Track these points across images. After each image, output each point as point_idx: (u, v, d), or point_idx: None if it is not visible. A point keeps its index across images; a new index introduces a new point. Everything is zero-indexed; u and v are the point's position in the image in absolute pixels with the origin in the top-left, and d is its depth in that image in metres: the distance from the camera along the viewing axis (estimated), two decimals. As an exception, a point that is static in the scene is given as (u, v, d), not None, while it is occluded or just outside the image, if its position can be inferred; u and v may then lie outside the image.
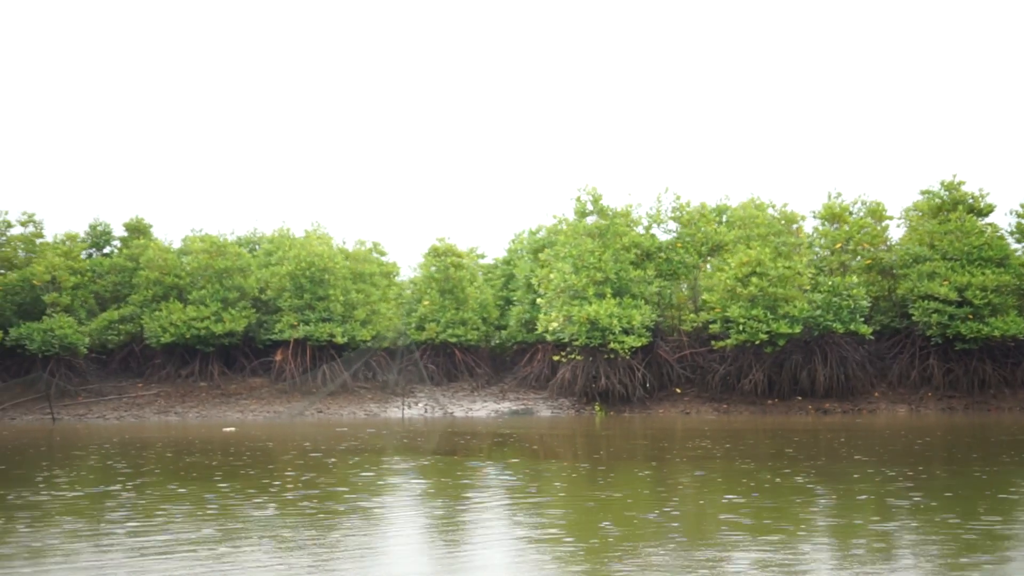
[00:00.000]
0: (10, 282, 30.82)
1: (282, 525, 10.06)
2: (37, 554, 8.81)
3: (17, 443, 20.74)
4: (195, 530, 9.81)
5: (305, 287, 31.02)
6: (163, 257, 31.95)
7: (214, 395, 30.34)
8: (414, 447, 18.78)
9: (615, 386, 27.58)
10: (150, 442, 20.36)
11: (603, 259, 27.44)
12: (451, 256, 33.60)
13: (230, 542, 9.16)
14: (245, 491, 12.60)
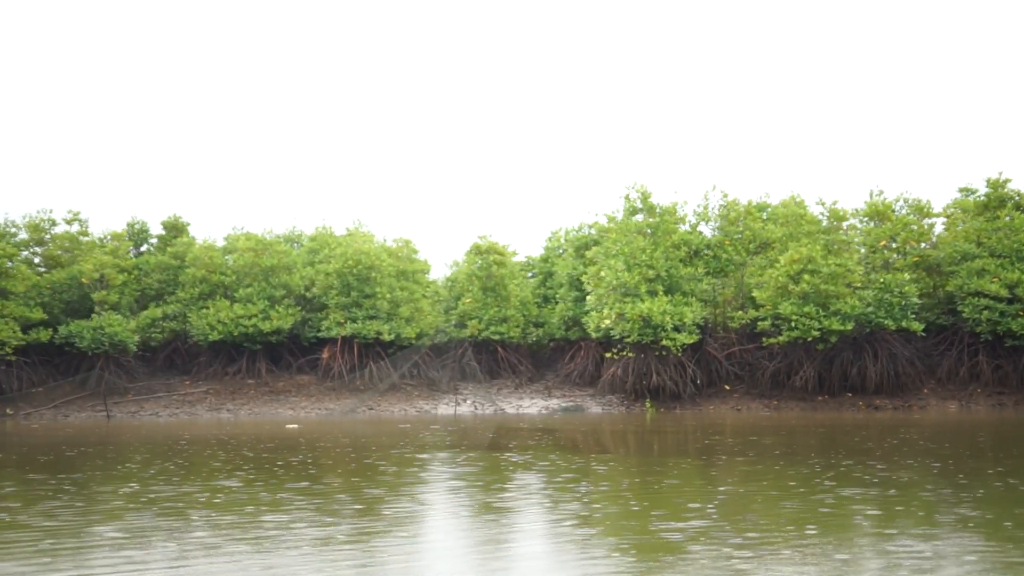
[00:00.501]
0: (58, 280, 30.96)
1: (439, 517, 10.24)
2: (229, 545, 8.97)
3: (87, 439, 20.89)
4: (353, 525, 9.98)
5: (352, 285, 31.17)
6: (208, 255, 32.09)
7: (262, 392, 30.49)
8: (487, 443, 18.94)
9: (666, 383, 27.75)
10: (221, 439, 20.51)
11: (654, 256, 27.61)
12: (494, 254, 33.74)
13: (381, 536, 9.33)
14: (365, 488, 12.76)
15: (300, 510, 10.95)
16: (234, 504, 11.44)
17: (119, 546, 9.06)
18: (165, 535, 9.54)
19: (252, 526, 9.99)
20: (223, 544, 9.10)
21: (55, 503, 11.64)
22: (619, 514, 10.48)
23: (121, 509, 11.16)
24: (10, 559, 8.53)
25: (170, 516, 10.65)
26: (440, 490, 12.62)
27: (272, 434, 21.95)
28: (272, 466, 15.28)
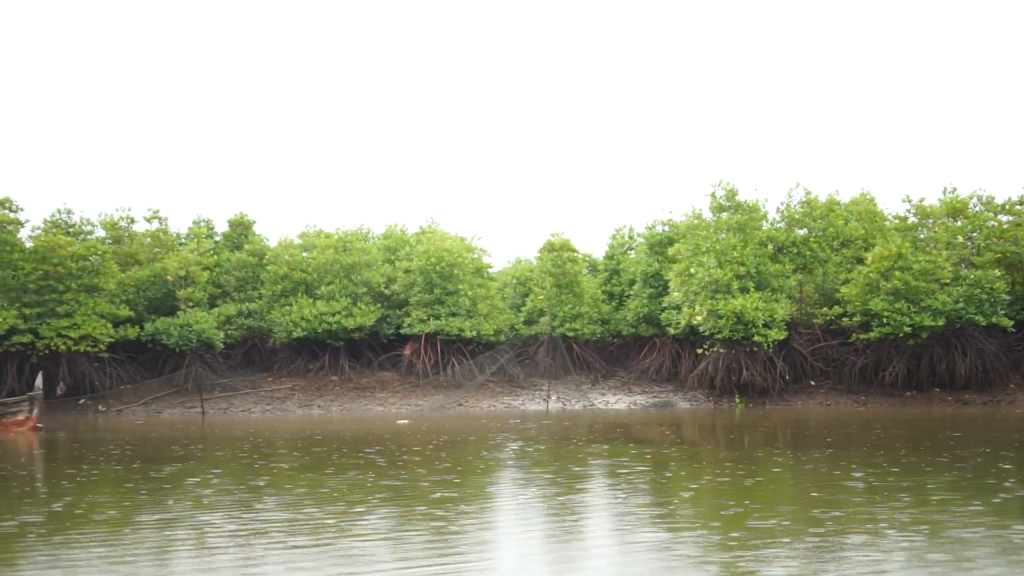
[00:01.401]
0: (142, 277, 31.18)
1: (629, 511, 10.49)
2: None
3: (205, 434, 21.13)
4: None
5: (435, 282, 31.42)
6: (288, 252, 32.33)
7: (347, 389, 30.74)
8: (616, 437, 19.22)
9: (755, 379, 28.05)
10: (334, 435, 20.72)
11: (744, 254, 27.90)
12: (567, 251, 34.00)
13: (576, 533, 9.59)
14: (551, 481, 13.02)
15: (527, 507, 11.20)
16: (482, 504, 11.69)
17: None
18: (435, 533, 9.79)
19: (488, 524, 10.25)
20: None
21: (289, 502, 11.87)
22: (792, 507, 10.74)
23: (361, 503, 11.40)
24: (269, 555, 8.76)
25: (438, 514, 10.89)
26: (627, 483, 12.87)
27: (388, 430, 22.20)
28: (436, 461, 15.54)
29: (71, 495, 11.91)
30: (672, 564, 7.68)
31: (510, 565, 7.77)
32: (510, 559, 8.03)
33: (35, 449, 18.88)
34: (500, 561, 7.96)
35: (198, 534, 9.23)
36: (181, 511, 10.59)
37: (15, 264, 27.92)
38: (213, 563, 7.98)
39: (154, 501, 11.36)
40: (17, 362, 28.07)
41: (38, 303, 27.85)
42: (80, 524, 9.85)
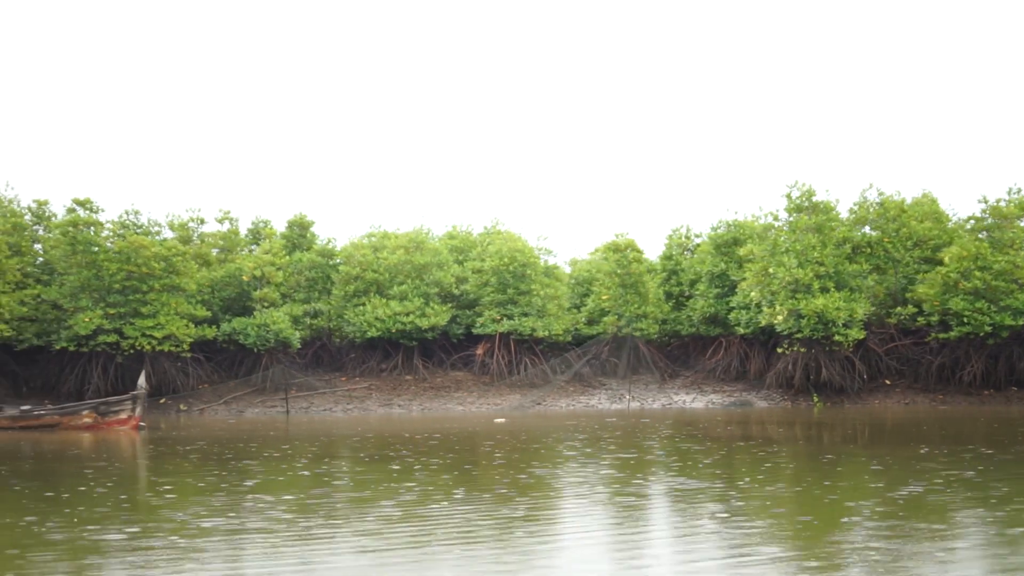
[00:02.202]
0: (217, 278, 31.42)
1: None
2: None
3: (303, 433, 21.37)
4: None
5: (509, 282, 31.67)
6: (360, 253, 32.56)
7: (423, 388, 30.97)
8: (728, 435, 19.48)
9: (834, 378, 28.31)
10: (441, 433, 20.97)
11: (824, 254, 28.17)
12: (632, 251, 34.24)
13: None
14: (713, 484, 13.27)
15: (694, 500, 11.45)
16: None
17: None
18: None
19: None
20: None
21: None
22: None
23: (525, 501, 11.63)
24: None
25: (623, 510, 11.12)
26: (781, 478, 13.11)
27: (489, 427, 22.46)
28: (589, 457, 15.79)
29: (260, 491, 12.16)
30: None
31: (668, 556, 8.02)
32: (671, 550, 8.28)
33: (161, 448, 19.11)
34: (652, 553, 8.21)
35: (459, 533, 9.48)
36: (402, 509, 10.83)
37: (99, 265, 28.14)
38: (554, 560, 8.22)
39: (363, 499, 11.60)
40: (102, 362, 28.31)
41: (122, 303, 28.08)
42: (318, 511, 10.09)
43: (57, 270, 29.89)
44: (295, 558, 8.29)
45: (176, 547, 8.78)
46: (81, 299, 28.04)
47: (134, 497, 12.31)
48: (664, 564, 7.93)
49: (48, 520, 10.22)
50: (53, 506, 11.25)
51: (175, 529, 9.65)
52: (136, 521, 10.19)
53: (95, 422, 23.48)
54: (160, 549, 8.71)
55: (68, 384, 28.40)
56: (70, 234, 28.44)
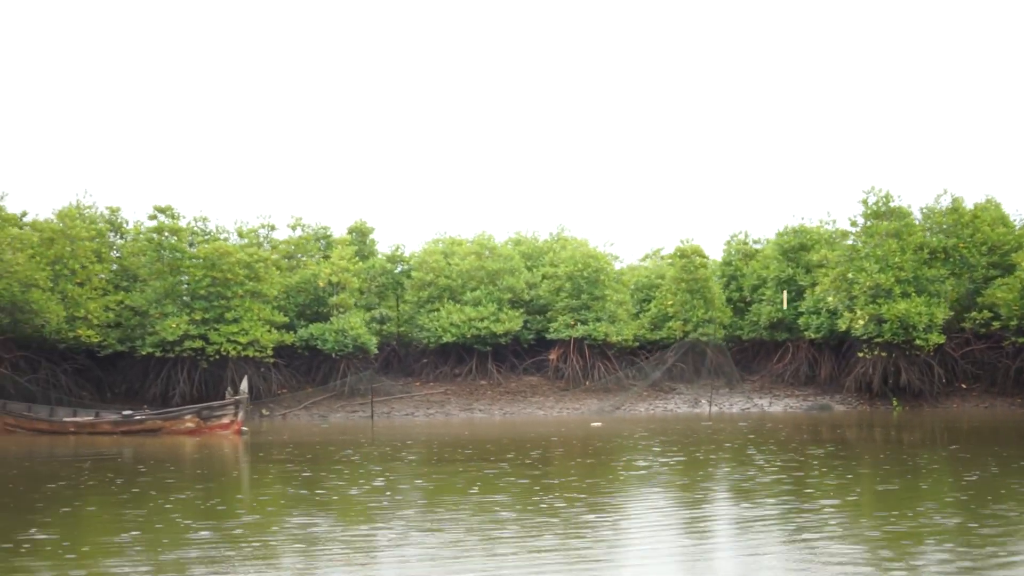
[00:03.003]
0: (292, 284, 31.64)
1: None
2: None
3: (401, 437, 21.59)
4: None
5: (583, 288, 31.92)
6: (433, 259, 32.81)
7: (499, 393, 31.20)
8: (819, 440, 19.74)
9: (913, 382, 28.57)
10: (539, 437, 21.21)
11: (903, 259, 28.45)
12: (698, 257, 34.51)
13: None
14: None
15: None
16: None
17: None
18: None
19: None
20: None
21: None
22: None
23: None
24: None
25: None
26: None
27: (586, 431, 22.72)
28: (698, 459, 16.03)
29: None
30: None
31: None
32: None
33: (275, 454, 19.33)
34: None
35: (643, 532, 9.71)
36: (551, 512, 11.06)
37: (185, 271, 28.37)
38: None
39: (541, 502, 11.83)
40: (187, 367, 28.50)
41: (207, 309, 28.29)
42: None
43: (138, 276, 30.14)
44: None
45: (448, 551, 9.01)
46: (166, 305, 28.26)
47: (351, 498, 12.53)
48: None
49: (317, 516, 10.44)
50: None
51: (432, 529, 9.89)
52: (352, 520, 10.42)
53: (197, 427, 23.69)
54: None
55: (152, 389, 28.57)
56: (155, 241, 28.68)
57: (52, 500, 12.62)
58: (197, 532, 10.02)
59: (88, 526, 10.97)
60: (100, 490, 13.70)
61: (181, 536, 9.85)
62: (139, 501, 12.38)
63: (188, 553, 8.94)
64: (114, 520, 11.03)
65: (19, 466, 17.44)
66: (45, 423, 24.40)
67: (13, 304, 25.59)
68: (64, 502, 12.44)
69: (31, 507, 12.11)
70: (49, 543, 9.50)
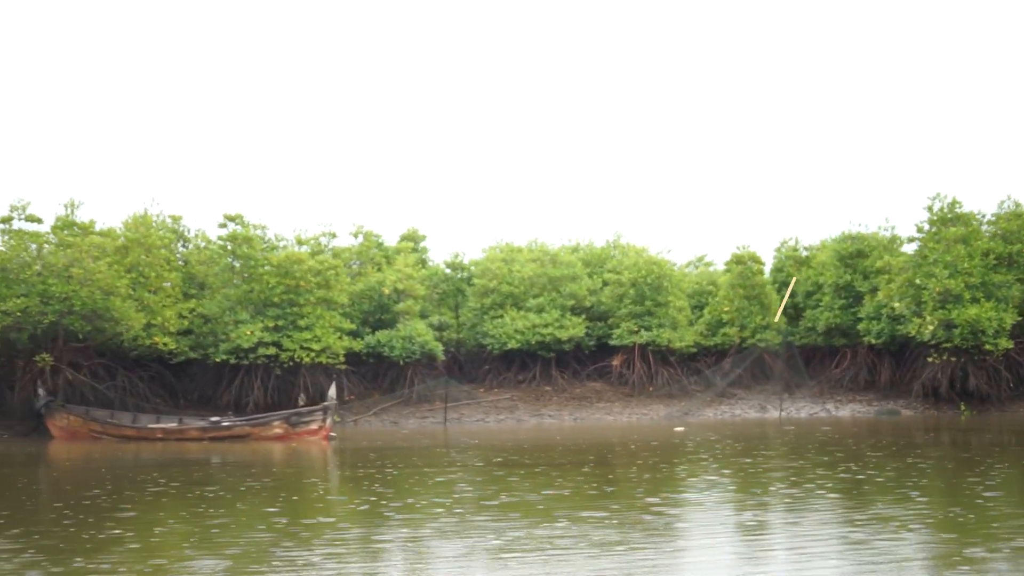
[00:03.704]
0: (356, 291, 31.84)
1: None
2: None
3: (491, 443, 21.78)
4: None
5: (646, 294, 32.15)
6: (496, 266, 33.03)
7: (565, 399, 31.39)
8: (914, 445, 19.94)
9: (981, 386, 28.78)
10: (626, 441, 21.40)
11: (972, 264, 28.69)
12: (755, 263, 34.76)
13: None
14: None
15: None
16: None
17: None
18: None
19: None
20: None
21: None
22: None
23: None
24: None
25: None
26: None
27: (673, 435, 22.92)
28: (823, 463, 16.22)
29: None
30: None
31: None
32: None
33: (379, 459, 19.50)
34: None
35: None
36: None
37: (259, 279, 28.56)
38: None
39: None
40: (261, 374, 28.66)
41: (280, 316, 28.48)
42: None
43: (204, 284, 30.34)
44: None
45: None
46: (239, 312, 28.45)
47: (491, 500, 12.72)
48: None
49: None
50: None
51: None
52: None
53: (286, 432, 23.89)
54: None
55: (226, 396, 28.72)
56: (229, 249, 28.89)
57: (175, 500, 12.81)
58: (337, 530, 10.22)
59: (225, 525, 11.17)
60: (229, 489, 13.89)
61: (310, 532, 10.05)
62: (257, 501, 12.58)
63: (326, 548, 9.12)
64: (250, 519, 11.21)
65: (120, 469, 17.62)
66: (132, 430, 24.59)
67: (94, 312, 25.79)
68: (195, 502, 12.63)
69: (160, 506, 12.32)
70: (189, 534, 9.70)
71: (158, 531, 10.74)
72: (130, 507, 12.64)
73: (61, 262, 25.80)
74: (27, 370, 26.53)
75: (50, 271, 25.72)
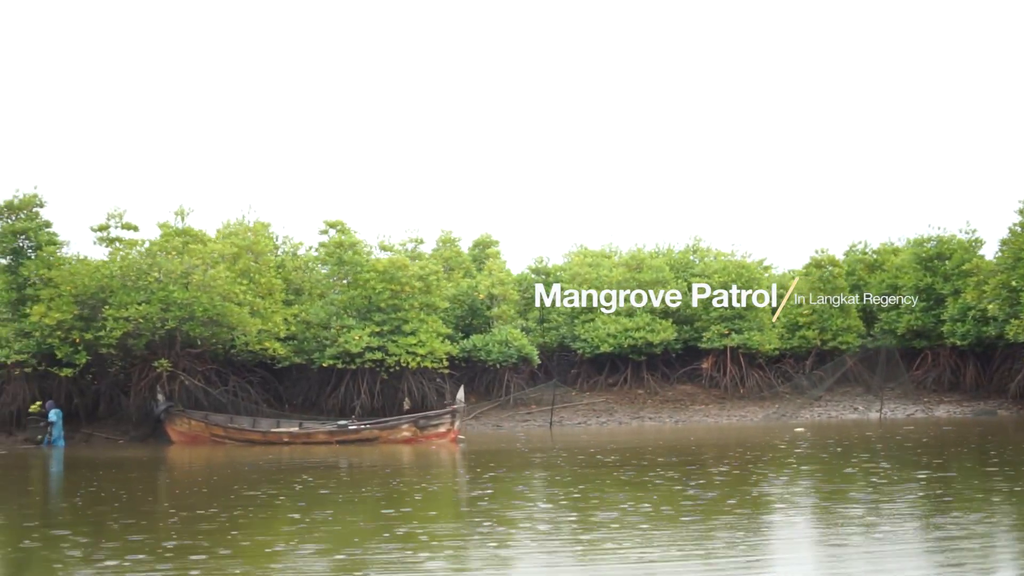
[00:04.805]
0: (450, 296, 32.16)
1: None
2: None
3: (628, 445, 22.14)
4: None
5: (736, 298, 32.53)
6: (585, 271, 33.38)
7: (658, 401, 31.75)
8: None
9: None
10: (747, 443, 21.83)
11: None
12: (835, 267, 35.17)
13: None
14: None
15: None
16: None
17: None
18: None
19: None
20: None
21: None
22: None
23: None
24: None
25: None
26: None
27: (791, 435, 23.33)
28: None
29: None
30: None
31: None
32: None
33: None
34: None
35: None
36: None
37: (365, 284, 28.85)
38: None
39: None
40: (368, 378, 28.95)
41: (386, 321, 28.78)
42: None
43: (301, 289, 30.67)
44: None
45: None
46: (345, 318, 28.75)
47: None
48: None
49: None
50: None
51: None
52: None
53: (414, 435, 24.20)
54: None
55: (332, 401, 29.00)
56: (336, 254, 29.21)
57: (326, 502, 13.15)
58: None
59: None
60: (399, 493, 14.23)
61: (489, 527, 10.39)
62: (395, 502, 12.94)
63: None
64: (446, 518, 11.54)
65: (267, 471, 17.91)
66: (258, 434, 24.88)
67: (213, 318, 26.07)
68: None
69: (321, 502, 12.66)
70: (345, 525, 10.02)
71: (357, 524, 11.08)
72: (321, 505, 12.98)
73: (179, 269, 26.08)
74: (143, 376, 26.82)
75: (169, 278, 25.99)
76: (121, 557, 9.78)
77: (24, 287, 27.11)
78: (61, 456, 23.53)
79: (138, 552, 10.01)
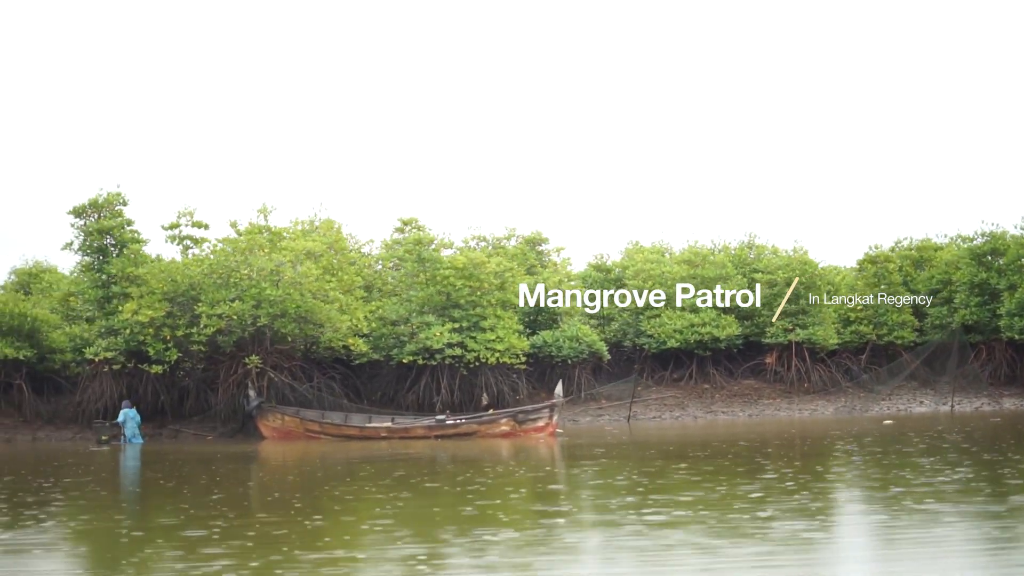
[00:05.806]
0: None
1: None
2: None
3: (720, 439, 22.60)
4: None
5: (800, 293, 33.04)
6: (648, 268, 33.78)
7: (725, 396, 32.20)
8: None
9: None
10: (848, 436, 22.33)
11: None
12: (889, 263, 35.77)
13: None
14: None
15: None
16: None
17: None
18: None
19: None
20: None
21: None
22: None
23: None
24: None
25: None
26: None
27: (881, 428, 23.92)
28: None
29: None
30: None
31: None
32: None
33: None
34: None
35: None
36: None
37: (444, 281, 29.13)
38: None
39: None
40: (447, 374, 29.22)
41: (464, 318, 29.08)
42: None
43: (373, 286, 30.94)
44: None
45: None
46: (426, 315, 29.03)
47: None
48: None
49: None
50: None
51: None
52: None
53: (512, 430, 24.53)
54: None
55: (410, 396, 29.24)
56: (415, 251, 29.48)
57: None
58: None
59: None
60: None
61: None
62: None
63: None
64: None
65: (377, 464, 18.22)
66: (355, 429, 25.14)
67: (303, 315, 26.31)
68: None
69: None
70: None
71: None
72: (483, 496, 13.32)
73: (269, 266, 26.28)
74: (231, 373, 27.01)
75: (261, 275, 26.18)
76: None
77: (110, 285, 27.23)
78: (137, 452, 23.73)
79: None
